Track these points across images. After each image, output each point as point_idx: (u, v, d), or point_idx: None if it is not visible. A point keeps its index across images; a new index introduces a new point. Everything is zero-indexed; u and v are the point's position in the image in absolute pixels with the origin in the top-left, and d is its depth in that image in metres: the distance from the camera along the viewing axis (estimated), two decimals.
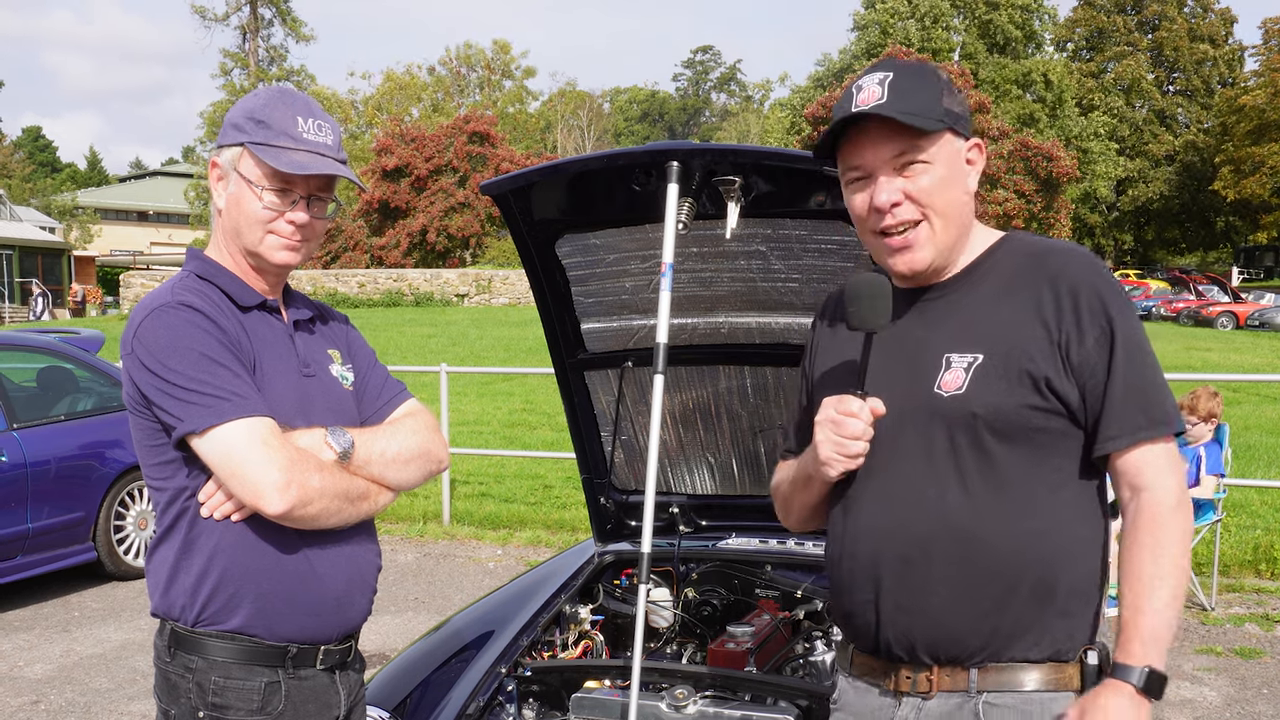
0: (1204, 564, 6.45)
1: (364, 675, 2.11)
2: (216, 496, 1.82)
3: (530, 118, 62.16)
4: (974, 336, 1.71)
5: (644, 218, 2.83)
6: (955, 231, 1.75)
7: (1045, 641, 1.66)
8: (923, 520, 1.69)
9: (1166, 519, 1.62)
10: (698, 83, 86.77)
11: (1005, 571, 1.65)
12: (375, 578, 2.02)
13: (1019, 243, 1.80)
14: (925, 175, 1.70)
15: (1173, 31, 53.74)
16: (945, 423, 1.69)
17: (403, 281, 33.17)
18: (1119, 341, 1.65)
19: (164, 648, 1.89)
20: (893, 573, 1.71)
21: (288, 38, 58.21)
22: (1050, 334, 1.67)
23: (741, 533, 3.52)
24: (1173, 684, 4.94)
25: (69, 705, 4.86)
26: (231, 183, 1.90)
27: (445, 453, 2.08)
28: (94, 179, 78.51)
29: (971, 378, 1.68)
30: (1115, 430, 1.65)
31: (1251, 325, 29.33)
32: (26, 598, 6.52)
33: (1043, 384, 1.65)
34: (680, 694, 2.55)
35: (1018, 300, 1.71)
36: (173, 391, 1.76)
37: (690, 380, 3.29)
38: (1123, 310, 1.68)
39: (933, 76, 1.74)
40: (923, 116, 1.68)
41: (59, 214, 54.23)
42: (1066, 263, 1.71)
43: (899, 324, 1.79)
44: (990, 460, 1.67)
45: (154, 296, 1.86)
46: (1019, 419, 1.66)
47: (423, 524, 8.34)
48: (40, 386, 7.13)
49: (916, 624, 1.70)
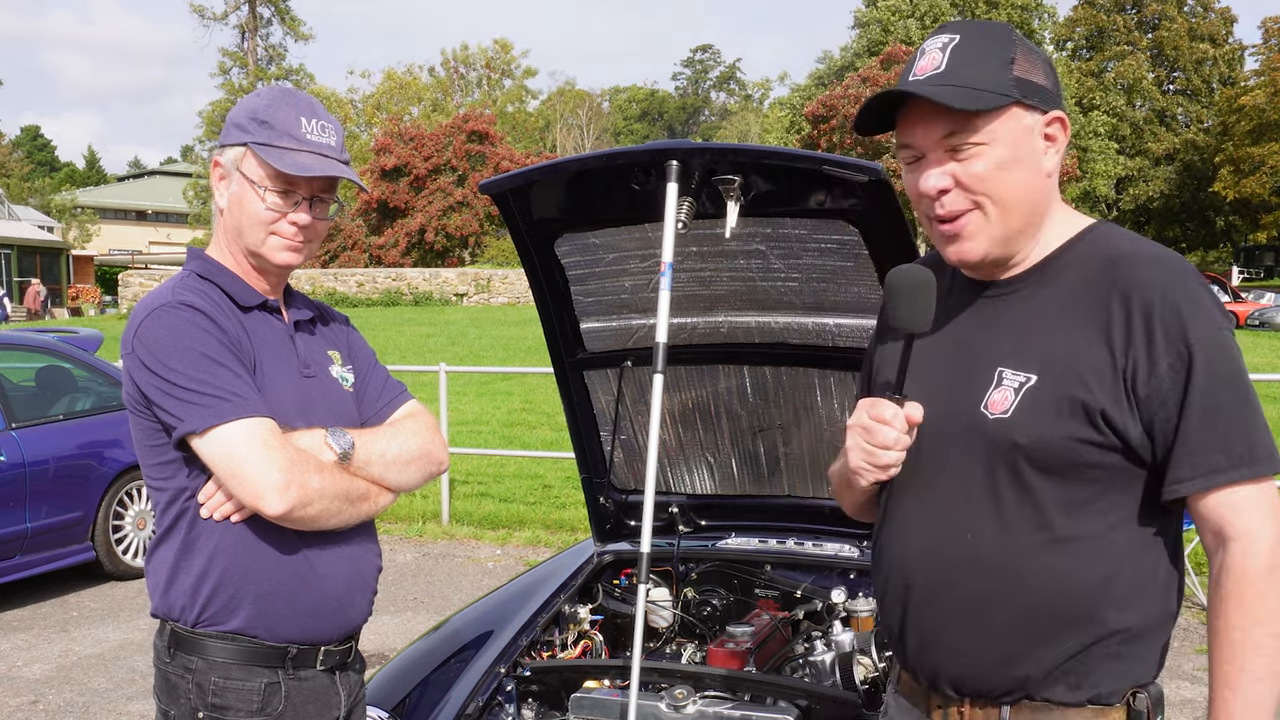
0: (1204, 564, 6.45)
1: (364, 675, 2.11)
2: (216, 497, 1.81)
3: (530, 117, 62.18)
4: (1031, 350, 1.53)
5: (643, 217, 2.82)
6: (1020, 220, 1.54)
7: (1087, 684, 1.52)
8: (952, 551, 1.56)
9: (1260, 579, 1.41)
10: (697, 82, 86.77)
11: (1038, 612, 1.51)
12: (376, 578, 2.02)
13: (1102, 239, 1.56)
14: (979, 159, 1.50)
15: (1173, 31, 53.75)
16: (985, 448, 1.53)
17: (402, 281, 33.18)
18: (1197, 369, 1.43)
19: (164, 648, 1.88)
20: (919, 601, 1.60)
21: (286, 37, 58.23)
22: (1115, 359, 1.46)
23: (741, 533, 3.51)
24: (1173, 684, 4.94)
25: (68, 705, 4.86)
26: (234, 182, 1.90)
27: (445, 454, 2.08)
28: (92, 178, 78.48)
29: (1020, 400, 1.51)
30: (1187, 471, 1.44)
31: (1252, 325, 29.34)
32: (25, 598, 6.51)
33: (1098, 416, 1.46)
34: (680, 694, 2.54)
35: (1085, 312, 1.50)
36: (173, 391, 1.76)
37: (690, 380, 3.28)
38: (1208, 332, 1.44)
39: (1003, 40, 1.53)
40: (980, 91, 1.48)
41: (57, 213, 54.23)
42: (1145, 272, 1.48)
43: (957, 320, 1.63)
44: (1031, 494, 1.50)
45: (155, 296, 1.85)
46: (1066, 453, 1.48)
47: (422, 524, 8.34)
48: (39, 386, 7.13)
49: (940, 658, 1.60)
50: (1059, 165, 1.58)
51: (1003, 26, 1.57)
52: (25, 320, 33.78)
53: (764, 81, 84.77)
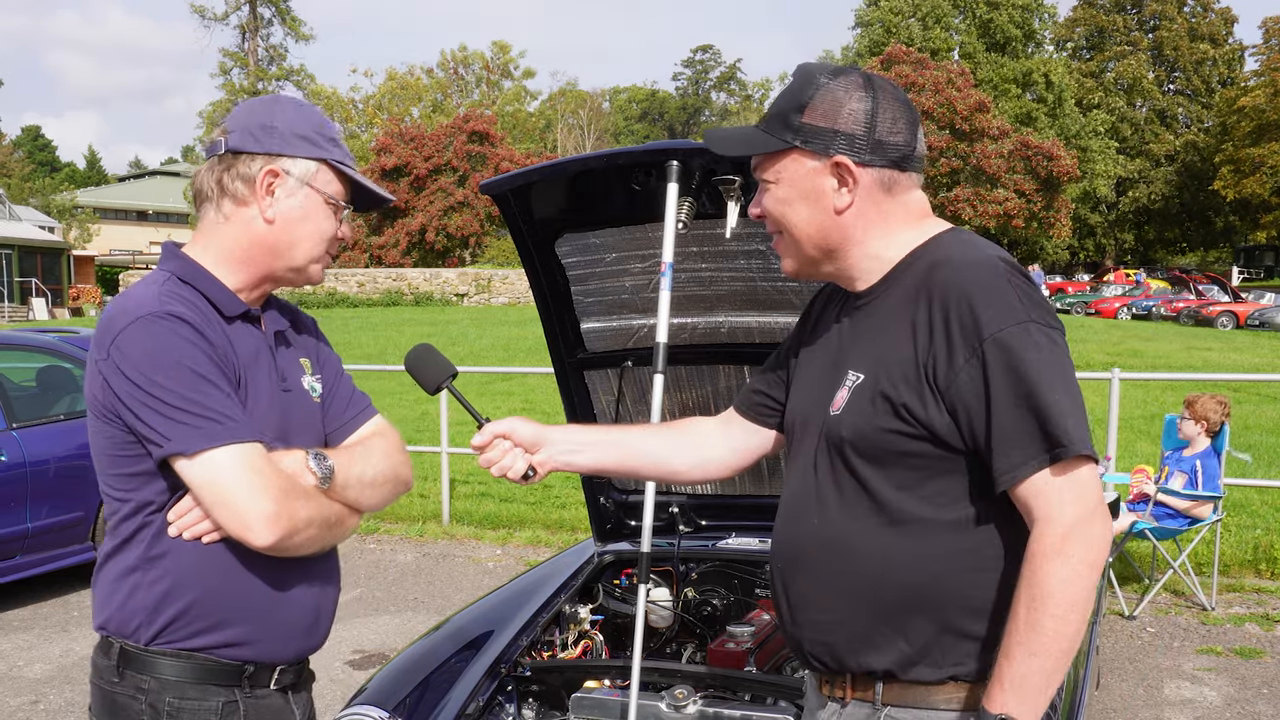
0: (1204, 564, 6.45)
1: (311, 692, 2.04)
2: (189, 516, 1.74)
3: (530, 117, 62.20)
4: (867, 353, 1.66)
5: (644, 217, 2.83)
6: (814, 250, 1.70)
7: (946, 663, 1.61)
8: (804, 534, 1.70)
9: (1044, 561, 1.48)
10: (697, 82, 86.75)
11: (879, 593, 1.61)
12: (336, 601, 1.98)
13: (929, 250, 1.67)
14: (767, 194, 1.70)
15: (1173, 31, 53.80)
16: (826, 442, 1.67)
17: (402, 281, 33.19)
18: (992, 365, 1.50)
19: (110, 667, 1.80)
20: (783, 580, 1.74)
21: (287, 37, 58.43)
22: (918, 355, 1.57)
23: (741, 533, 3.51)
24: (1173, 684, 4.94)
25: (68, 705, 4.86)
26: (300, 196, 1.84)
27: (411, 474, 2.04)
28: (93, 178, 78.52)
29: (850, 398, 1.64)
30: (1002, 465, 1.51)
31: (1251, 325, 29.35)
32: (26, 597, 6.51)
33: (901, 409, 1.57)
34: (680, 694, 2.54)
35: (904, 314, 1.61)
36: (159, 408, 1.67)
37: (690, 380, 3.28)
38: (1004, 327, 1.51)
39: (803, 86, 1.66)
40: (769, 135, 1.66)
41: (58, 213, 54.22)
42: (952, 274, 1.57)
43: (834, 328, 1.77)
44: (862, 482, 1.63)
45: (135, 301, 1.74)
46: (881, 443, 1.60)
47: (422, 524, 8.34)
48: (40, 386, 7.13)
49: (802, 633, 1.71)
50: (871, 198, 1.66)
51: (813, 72, 1.68)
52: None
53: (764, 81, 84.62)
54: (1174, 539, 6.16)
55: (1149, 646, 5.48)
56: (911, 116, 1.67)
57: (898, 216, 1.68)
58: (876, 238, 1.68)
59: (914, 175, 1.69)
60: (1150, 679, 5.01)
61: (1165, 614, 5.99)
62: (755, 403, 1.96)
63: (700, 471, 2.01)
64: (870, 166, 1.64)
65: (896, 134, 1.64)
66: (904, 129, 1.65)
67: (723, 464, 2.00)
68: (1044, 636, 1.48)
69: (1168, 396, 13.46)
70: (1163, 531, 5.94)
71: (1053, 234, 41.48)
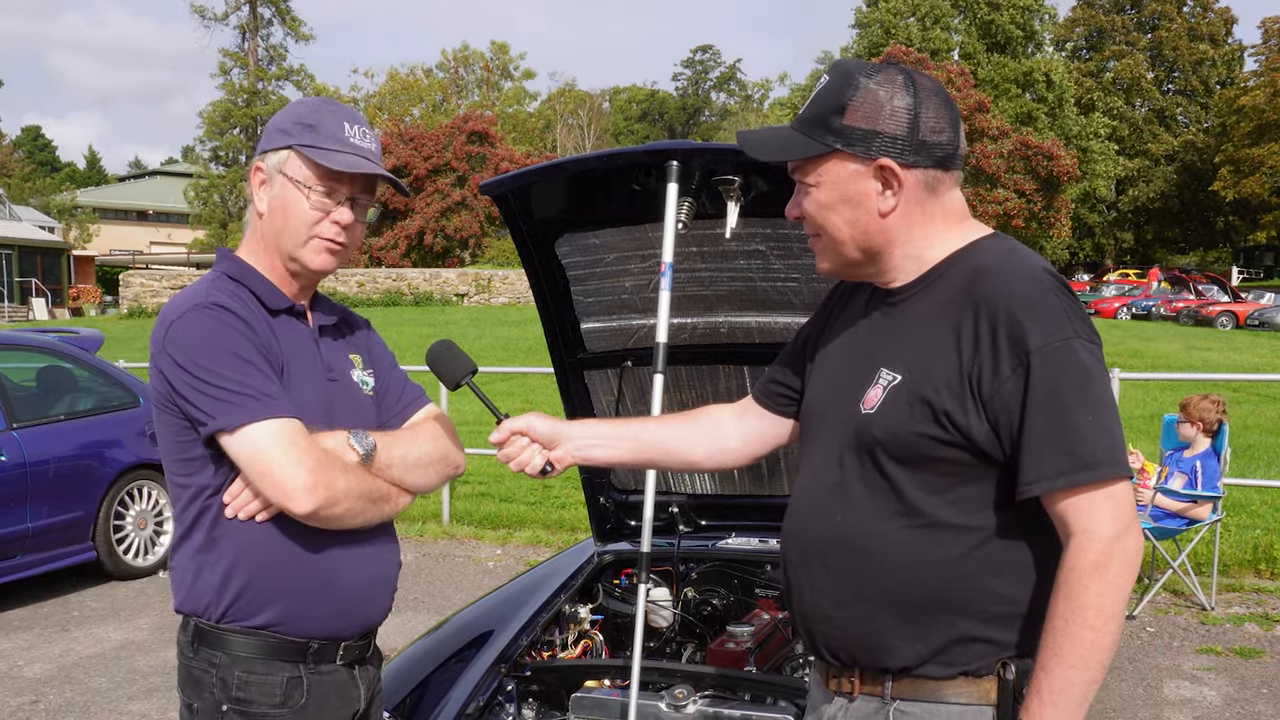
0: (1204, 564, 6.46)
1: (381, 669, 2.14)
2: (243, 496, 1.84)
3: (530, 117, 62.18)
4: (904, 353, 1.65)
5: (644, 217, 2.83)
6: (854, 252, 1.68)
7: (959, 661, 1.62)
8: (825, 529, 1.69)
9: (1083, 575, 1.50)
10: (697, 82, 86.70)
11: (900, 594, 1.62)
12: (396, 576, 2.06)
13: (972, 254, 1.66)
14: (806, 197, 1.68)
15: (1172, 31, 53.79)
16: (855, 439, 1.67)
17: (402, 281, 33.18)
18: (1036, 377, 1.51)
19: (187, 643, 1.91)
20: (799, 573, 1.74)
21: (287, 37, 58.30)
22: (962, 363, 1.57)
23: (741, 533, 3.52)
24: (1172, 683, 4.95)
25: (68, 705, 4.86)
26: (276, 185, 1.93)
27: (463, 457, 2.12)
28: (93, 178, 78.50)
29: (885, 398, 1.63)
30: (1032, 475, 1.52)
31: (1251, 325, 29.37)
32: (26, 597, 6.52)
33: (942, 416, 1.57)
34: (680, 694, 2.55)
35: (947, 319, 1.61)
36: (205, 389, 1.78)
37: (690, 380, 3.29)
38: (1048, 342, 1.52)
39: (842, 86, 1.64)
40: (809, 139, 1.64)
41: (58, 213, 54.22)
42: (994, 284, 1.57)
43: (861, 323, 1.77)
44: (890, 482, 1.63)
45: (187, 296, 1.88)
46: (916, 446, 1.60)
47: (422, 524, 8.34)
48: (40, 386, 7.13)
49: (816, 627, 1.72)
50: (916, 199, 1.64)
51: (848, 71, 1.65)
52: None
53: (764, 82, 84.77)
54: (1174, 539, 6.17)
55: (1149, 646, 5.48)
56: (953, 114, 1.65)
57: (940, 217, 1.68)
58: (920, 238, 1.68)
59: (956, 174, 1.68)
60: (1150, 679, 5.02)
61: (1165, 614, 5.99)
62: (774, 392, 1.98)
63: (717, 460, 2.03)
64: (915, 168, 1.62)
65: (940, 133, 1.62)
66: (947, 127, 1.63)
67: (739, 452, 2.01)
68: (1082, 648, 1.50)
69: (1167, 396, 13.46)
70: (1162, 531, 5.95)
71: (1052, 234, 41.46)
